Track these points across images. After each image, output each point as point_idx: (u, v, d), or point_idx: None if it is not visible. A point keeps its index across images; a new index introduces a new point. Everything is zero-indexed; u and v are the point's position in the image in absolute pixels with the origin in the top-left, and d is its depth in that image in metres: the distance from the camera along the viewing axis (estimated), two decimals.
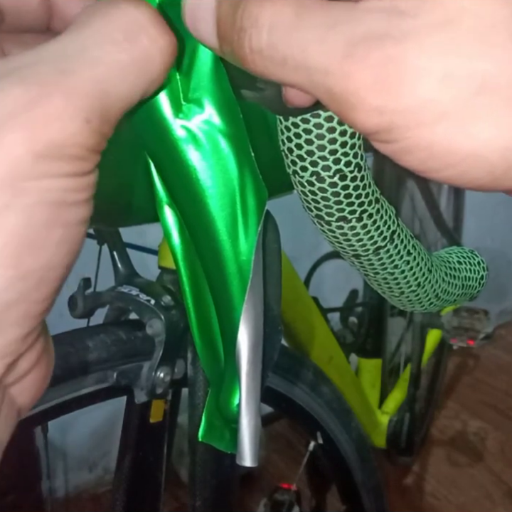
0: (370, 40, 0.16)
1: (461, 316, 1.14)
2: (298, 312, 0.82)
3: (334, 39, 0.16)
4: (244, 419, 0.23)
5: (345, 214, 0.30)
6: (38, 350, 0.19)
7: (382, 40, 0.16)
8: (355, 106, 0.16)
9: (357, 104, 0.16)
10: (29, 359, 0.19)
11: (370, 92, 0.16)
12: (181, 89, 0.21)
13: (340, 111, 0.17)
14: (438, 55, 0.16)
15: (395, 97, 0.16)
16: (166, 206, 0.24)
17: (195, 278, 0.25)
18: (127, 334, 0.54)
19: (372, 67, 0.16)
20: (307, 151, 0.28)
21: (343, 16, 0.16)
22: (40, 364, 0.20)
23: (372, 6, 0.16)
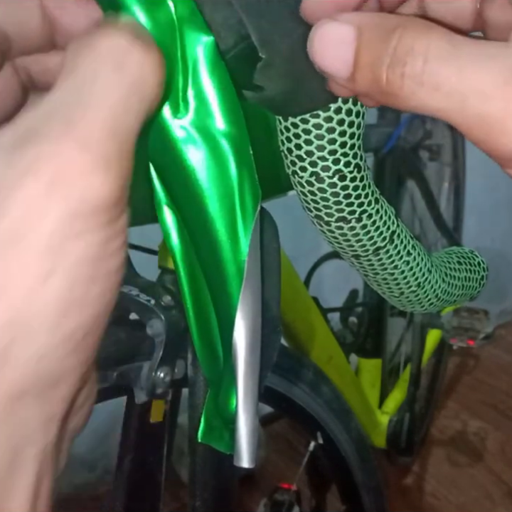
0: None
1: (461, 316, 1.14)
2: (298, 312, 0.82)
3: (494, 67, 0.18)
4: (242, 419, 0.23)
5: (345, 214, 0.30)
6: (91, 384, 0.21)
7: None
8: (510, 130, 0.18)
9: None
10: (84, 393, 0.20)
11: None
12: (181, 89, 0.21)
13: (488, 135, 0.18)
14: None
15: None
16: (165, 207, 0.24)
17: (194, 278, 0.25)
18: (127, 334, 0.54)
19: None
20: (306, 151, 0.28)
21: (497, 51, 0.18)
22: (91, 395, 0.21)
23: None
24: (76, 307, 0.17)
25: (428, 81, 0.18)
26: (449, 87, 0.18)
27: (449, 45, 0.18)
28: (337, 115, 0.27)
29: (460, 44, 0.18)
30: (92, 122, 0.17)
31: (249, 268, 0.23)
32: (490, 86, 0.18)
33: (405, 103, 0.19)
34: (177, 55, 0.21)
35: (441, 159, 1.42)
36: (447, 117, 0.19)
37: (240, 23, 0.22)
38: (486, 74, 0.18)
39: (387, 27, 0.19)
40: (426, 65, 0.18)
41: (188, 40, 0.21)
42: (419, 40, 0.19)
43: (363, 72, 0.20)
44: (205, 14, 0.21)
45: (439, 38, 0.19)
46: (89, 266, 0.17)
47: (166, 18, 0.20)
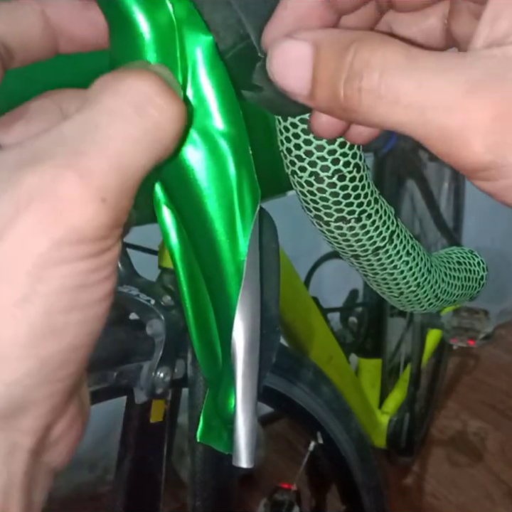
0: (489, 81, 0.17)
1: (461, 316, 1.14)
2: (298, 312, 0.82)
3: (452, 78, 0.17)
4: (240, 419, 0.23)
5: (344, 214, 0.30)
6: (71, 416, 0.20)
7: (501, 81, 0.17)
8: (471, 142, 0.17)
9: (473, 139, 0.17)
10: (61, 426, 0.19)
11: (489, 127, 0.17)
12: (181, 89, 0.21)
13: (450, 148, 0.18)
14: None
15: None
16: (163, 206, 0.24)
17: (193, 278, 0.25)
18: (127, 334, 0.54)
19: (492, 104, 0.17)
20: (306, 151, 0.28)
21: (455, 61, 0.18)
22: (73, 427, 0.20)
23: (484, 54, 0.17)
24: (52, 335, 0.16)
25: (386, 95, 0.18)
26: (408, 100, 0.18)
27: (406, 57, 0.18)
28: None
29: (417, 56, 0.18)
30: (98, 156, 0.17)
31: (249, 268, 0.23)
32: (448, 98, 0.17)
33: (365, 118, 0.19)
34: (176, 54, 0.21)
35: None
36: (409, 131, 0.18)
37: (239, 23, 0.22)
38: (444, 86, 0.17)
39: (344, 42, 0.19)
40: (383, 79, 0.18)
41: (186, 40, 0.21)
42: (375, 54, 0.18)
43: (322, 89, 0.20)
44: (204, 14, 0.22)
45: (396, 51, 0.18)
46: (69, 294, 0.16)
47: (164, 19, 0.21)
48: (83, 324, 0.17)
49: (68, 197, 0.16)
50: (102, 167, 0.17)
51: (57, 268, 0.16)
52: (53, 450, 0.19)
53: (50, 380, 0.17)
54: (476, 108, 0.17)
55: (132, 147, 0.17)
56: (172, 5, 0.21)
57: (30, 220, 0.16)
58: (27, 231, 0.16)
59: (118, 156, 0.17)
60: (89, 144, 0.17)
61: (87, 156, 0.17)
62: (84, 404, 0.21)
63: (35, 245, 0.16)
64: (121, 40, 0.21)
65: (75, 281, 0.16)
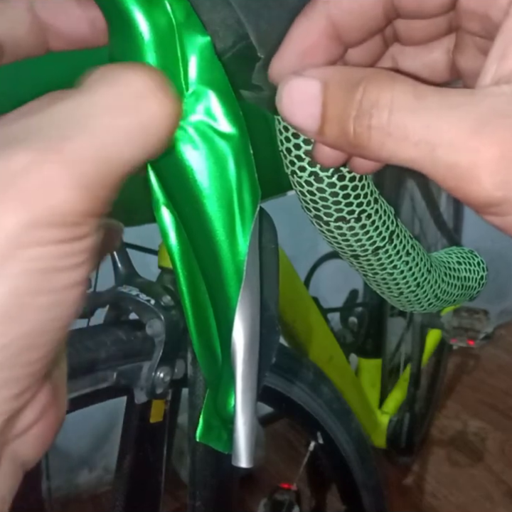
0: (497, 119, 0.17)
1: (461, 316, 1.14)
2: (298, 312, 0.82)
3: (460, 116, 0.18)
4: (240, 419, 0.23)
5: (344, 214, 0.30)
6: (41, 404, 0.19)
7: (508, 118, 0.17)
8: (479, 179, 0.17)
9: (482, 177, 0.17)
10: (30, 414, 0.19)
11: (498, 165, 0.17)
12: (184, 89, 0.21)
13: (459, 184, 0.18)
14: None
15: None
16: (163, 207, 0.24)
17: (193, 278, 0.25)
18: (127, 334, 0.54)
19: (500, 143, 0.17)
20: (305, 151, 0.28)
21: (463, 99, 0.18)
22: (44, 417, 0.19)
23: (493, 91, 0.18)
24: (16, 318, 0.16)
25: (395, 132, 0.18)
26: (417, 138, 0.18)
27: (414, 96, 0.18)
28: None
29: (425, 94, 0.18)
30: (84, 144, 0.17)
31: (248, 268, 0.23)
32: (456, 136, 0.17)
33: (375, 154, 0.19)
34: (177, 54, 0.21)
35: None
36: (418, 167, 0.19)
37: (239, 23, 0.22)
38: (451, 125, 0.18)
39: (352, 80, 0.19)
40: (391, 117, 0.18)
41: (185, 41, 0.21)
42: (383, 92, 0.19)
43: (331, 125, 0.20)
44: (204, 14, 0.22)
45: (404, 90, 0.19)
46: (37, 277, 0.16)
47: (164, 19, 0.21)
48: (50, 309, 0.17)
49: (46, 179, 0.16)
50: (87, 155, 0.16)
51: (27, 249, 0.16)
52: (22, 441, 0.19)
53: (12, 365, 0.17)
54: (484, 146, 0.17)
55: (122, 139, 0.17)
56: (170, 5, 0.21)
57: (4, 200, 0.16)
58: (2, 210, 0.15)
59: (106, 147, 0.17)
60: (78, 130, 0.17)
61: (74, 141, 0.16)
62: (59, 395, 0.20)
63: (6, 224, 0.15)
64: (121, 40, 0.21)
65: (45, 264, 0.16)
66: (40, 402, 0.19)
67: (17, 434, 0.19)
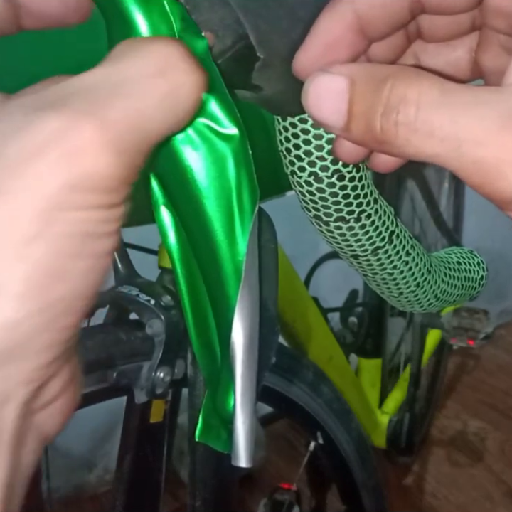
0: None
1: (461, 316, 1.14)
2: (298, 312, 0.82)
3: (486, 113, 0.18)
4: (239, 419, 0.23)
5: (344, 214, 0.30)
6: (65, 377, 0.19)
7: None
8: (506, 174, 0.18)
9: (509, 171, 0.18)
10: (56, 385, 0.19)
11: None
12: None
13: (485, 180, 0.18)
14: None
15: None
16: (162, 207, 0.24)
17: (192, 278, 0.25)
18: (127, 334, 0.54)
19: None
20: (305, 151, 0.28)
21: (490, 96, 0.18)
22: (67, 391, 0.20)
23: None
24: (56, 279, 0.16)
25: (422, 128, 0.19)
26: (443, 134, 0.18)
27: (440, 92, 0.19)
28: None
29: (451, 91, 0.19)
30: (120, 110, 0.17)
31: (247, 268, 0.23)
32: (483, 133, 0.18)
33: (401, 150, 0.20)
34: None
35: None
36: (444, 163, 0.19)
37: (238, 23, 0.22)
38: (478, 121, 0.18)
39: (379, 76, 0.20)
40: (419, 113, 0.19)
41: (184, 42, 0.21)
42: (410, 89, 0.19)
43: (358, 121, 0.20)
44: (203, 14, 0.22)
45: (431, 86, 0.19)
46: (76, 241, 0.16)
47: (163, 20, 0.21)
48: (87, 273, 0.17)
49: (85, 143, 0.16)
50: (123, 121, 0.17)
51: (68, 212, 0.16)
52: (46, 412, 0.19)
53: (50, 328, 0.17)
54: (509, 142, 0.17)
55: (153, 107, 0.18)
56: (169, 7, 0.21)
57: (46, 161, 0.16)
58: (41, 172, 0.16)
59: (139, 113, 0.17)
60: (111, 95, 0.17)
61: (109, 107, 0.17)
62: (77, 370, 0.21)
63: (47, 186, 0.16)
64: (120, 40, 0.21)
65: (84, 228, 0.16)
66: (63, 377, 0.19)
67: (42, 405, 0.19)
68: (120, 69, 0.18)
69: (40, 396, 0.19)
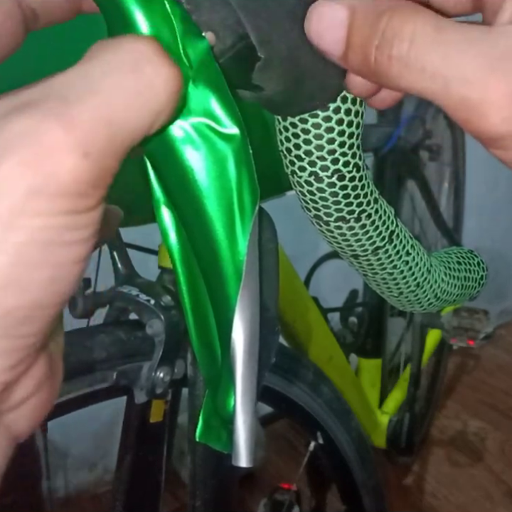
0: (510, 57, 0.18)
1: (461, 316, 1.14)
2: (298, 312, 0.82)
3: (476, 53, 0.18)
4: (240, 419, 0.23)
5: (344, 214, 0.30)
6: (36, 378, 0.19)
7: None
8: (490, 113, 0.18)
9: (492, 111, 0.18)
10: (27, 386, 0.19)
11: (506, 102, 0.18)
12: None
13: (469, 117, 0.19)
14: None
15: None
16: (162, 206, 0.24)
17: (193, 278, 0.25)
18: (127, 334, 0.54)
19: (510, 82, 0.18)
20: (305, 151, 0.28)
21: (480, 35, 0.19)
22: (39, 391, 0.19)
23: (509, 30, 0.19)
24: (16, 288, 0.16)
25: (413, 63, 0.19)
26: (433, 71, 0.19)
27: (434, 29, 0.19)
28: (336, 115, 0.27)
29: (446, 28, 0.19)
30: (88, 108, 0.16)
31: (248, 268, 0.23)
32: (470, 72, 0.18)
33: (394, 83, 0.20)
34: (180, 53, 0.21)
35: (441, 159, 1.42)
36: (432, 98, 0.20)
37: (238, 23, 0.22)
38: (467, 60, 0.18)
39: (378, 9, 0.20)
40: (411, 48, 0.19)
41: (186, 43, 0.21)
42: (406, 24, 0.20)
43: (355, 51, 0.21)
44: (203, 14, 0.22)
45: (426, 23, 0.19)
46: (40, 249, 0.16)
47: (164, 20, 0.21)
48: (51, 283, 0.16)
49: (50, 146, 0.15)
50: (90, 119, 0.16)
51: (30, 219, 0.15)
52: (17, 412, 0.19)
53: (9, 336, 0.16)
54: (495, 83, 0.18)
55: (124, 102, 0.17)
56: (169, 7, 0.21)
57: (9, 165, 0.15)
58: (5, 175, 0.15)
59: (108, 109, 0.17)
60: (78, 94, 0.16)
61: (75, 105, 0.16)
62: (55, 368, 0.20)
63: (10, 191, 0.15)
64: None
65: (48, 236, 0.16)
66: (36, 375, 0.19)
67: (11, 406, 0.19)
68: (91, 68, 0.17)
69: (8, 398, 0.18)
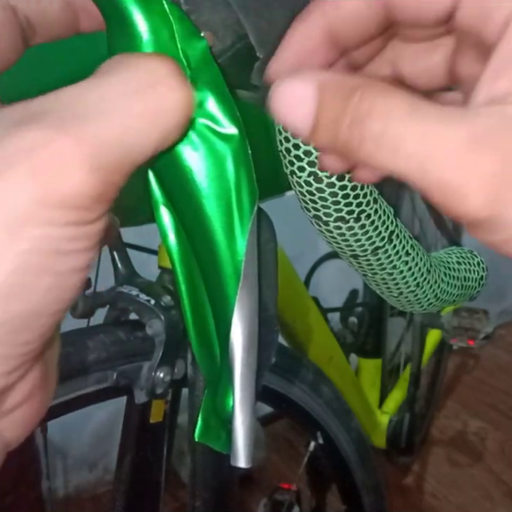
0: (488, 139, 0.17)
1: (461, 316, 1.14)
2: (298, 312, 0.82)
3: (452, 134, 0.18)
4: (238, 419, 0.23)
5: (343, 214, 0.30)
6: (30, 385, 0.19)
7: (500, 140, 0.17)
8: (469, 197, 0.17)
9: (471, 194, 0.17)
10: (19, 394, 0.19)
11: (487, 184, 0.17)
12: None
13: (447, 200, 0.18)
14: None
15: None
16: (162, 207, 0.24)
17: (192, 278, 0.25)
18: (127, 334, 0.54)
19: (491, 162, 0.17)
20: (305, 151, 0.28)
21: (456, 116, 0.18)
22: (32, 398, 0.19)
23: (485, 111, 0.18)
24: (16, 296, 0.16)
25: (387, 143, 0.18)
26: (408, 151, 0.18)
27: (409, 108, 0.18)
28: None
29: (420, 108, 0.18)
30: (98, 125, 0.17)
31: (247, 268, 0.23)
32: (447, 154, 0.17)
33: (366, 162, 0.19)
34: (179, 54, 0.21)
35: None
36: (407, 179, 0.19)
37: (238, 23, 0.22)
38: (443, 141, 0.17)
39: (348, 87, 0.19)
40: (385, 128, 0.18)
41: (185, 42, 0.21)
42: (379, 103, 0.19)
43: (323, 129, 0.20)
44: (203, 14, 0.22)
45: (400, 101, 0.18)
46: (41, 258, 0.16)
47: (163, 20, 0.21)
48: (51, 291, 0.17)
49: (59, 159, 0.16)
50: (101, 137, 0.16)
51: (34, 228, 0.16)
52: (7, 421, 0.19)
53: (8, 342, 0.17)
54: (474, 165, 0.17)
55: (136, 123, 0.17)
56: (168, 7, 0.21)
57: (17, 174, 0.15)
58: (12, 184, 0.15)
59: (120, 129, 0.17)
60: (94, 112, 0.17)
61: (88, 122, 0.16)
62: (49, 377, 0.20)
63: (16, 199, 0.15)
64: (120, 40, 0.21)
65: (50, 245, 0.16)
66: (29, 383, 0.19)
67: (4, 412, 0.19)
68: (107, 84, 0.18)
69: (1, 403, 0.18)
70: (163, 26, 0.21)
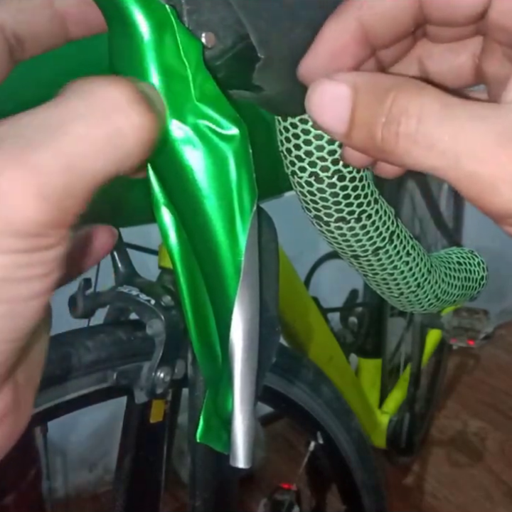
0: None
1: (461, 316, 1.14)
2: (298, 312, 0.82)
3: (485, 129, 0.18)
4: (238, 419, 0.23)
5: (344, 215, 0.30)
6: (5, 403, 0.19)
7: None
8: (501, 191, 0.18)
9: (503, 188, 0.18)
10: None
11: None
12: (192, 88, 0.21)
13: (480, 194, 0.19)
14: None
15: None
16: (162, 207, 0.24)
17: (193, 278, 0.25)
18: (127, 334, 0.54)
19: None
20: (306, 151, 0.28)
21: (489, 112, 0.19)
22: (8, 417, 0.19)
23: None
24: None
25: (422, 140, 0.19)
26: (443, 148, 0.19)
27: (442, 106, 0.19)
28: None
29: (453, 105, 0.19)
30: (48, 153, 0.16)
31: (247, 268, 0.23)
32: (481, 148, 0.18)
33: (400, 160, 0.20)
34: (180, 55, 0.21)
35: None
36: (442, 175, 0.19)
37: (239, 23, 0.22)
38: (477, 136, 0.18)
39: (382, 87, 0.20)
40: (420, 125, 0.19)
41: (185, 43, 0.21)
42: (413, 101, 0.19)
43: (359, 129, 0.21)
44: (203, 14, 0.22)
45: (433, 99, 0.19)
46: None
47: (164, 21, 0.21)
48: (7, 319, 0.16)
49: (5, 187, 0.16)
50: (50, 164, 0.16)
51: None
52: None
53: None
54: (507, 160, 0.18)
55: (89, 149, 0.17)
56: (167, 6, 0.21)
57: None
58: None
59: (71, 156, 0.17)
60: (44, 139, 0.16)
61: (37, 150, 0.16)
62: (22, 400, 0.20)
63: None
64: (121, 40, 0.21)
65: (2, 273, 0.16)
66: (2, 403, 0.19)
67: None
68: (62, 110, 0.17)
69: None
70: (165, 27, 0.21)
